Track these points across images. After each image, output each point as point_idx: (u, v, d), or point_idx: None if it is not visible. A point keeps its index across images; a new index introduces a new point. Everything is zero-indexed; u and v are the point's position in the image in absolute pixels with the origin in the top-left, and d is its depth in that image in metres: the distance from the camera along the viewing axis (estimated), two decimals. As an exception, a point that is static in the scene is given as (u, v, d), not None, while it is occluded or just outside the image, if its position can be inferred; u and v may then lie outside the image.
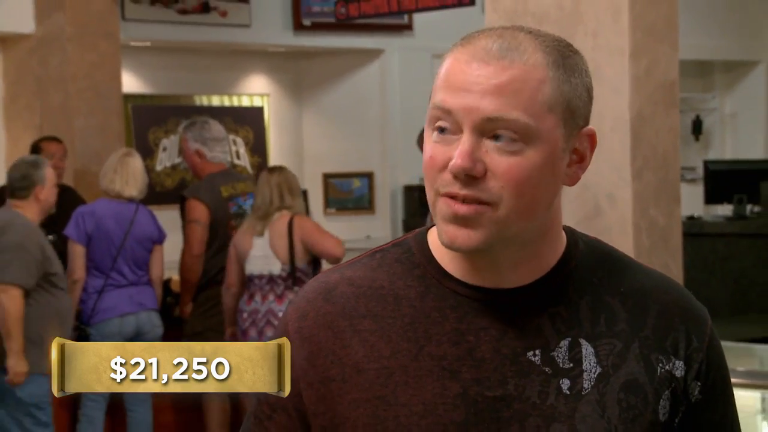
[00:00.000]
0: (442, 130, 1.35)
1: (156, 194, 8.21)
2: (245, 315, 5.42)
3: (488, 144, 1.32)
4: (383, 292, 1.44)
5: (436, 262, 1.44)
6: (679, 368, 1.42)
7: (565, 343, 1.40)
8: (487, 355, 1.39)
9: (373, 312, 1.42)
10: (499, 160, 1.32)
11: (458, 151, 1.32)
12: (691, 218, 7.87)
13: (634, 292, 1.45)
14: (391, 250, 1.48)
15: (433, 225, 1.43)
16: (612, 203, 3.84)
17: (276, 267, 5.36)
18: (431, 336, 1.40)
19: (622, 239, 3.76)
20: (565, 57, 1.36)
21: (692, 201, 8.51)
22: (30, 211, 4.94)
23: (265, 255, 5.35)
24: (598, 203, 3.84)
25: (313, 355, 1.42)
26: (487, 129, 1.32)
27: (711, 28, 10.27)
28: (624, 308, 1.43)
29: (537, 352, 1.39)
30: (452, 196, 1.34)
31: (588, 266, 1.45)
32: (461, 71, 1.34)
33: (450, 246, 1.36)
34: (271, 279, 5.37)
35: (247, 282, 5.44)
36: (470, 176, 1.32)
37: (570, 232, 1.48)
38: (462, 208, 1.33)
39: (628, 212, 3.81)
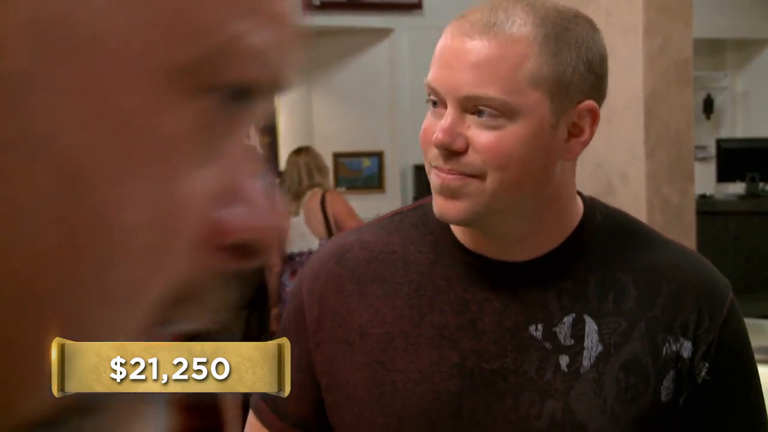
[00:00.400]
0: (434, 103, 1.36)
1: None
2: (288, 289, 5.58)
3: (471, 119, 1.33)
4: (394, 257, 1.45)
5: (449, 229, 1.44)
6: (686, 349, 1.40)
7: (568, 319, 1.39)
8: (489, 327, 1.39)
9: (382, 277, 1.44)
10: (479, 135, 1.32)
11: (439, 126, 1.33)
12: (703, 197, 7.85)
13: (648, 270, 1.43)
14: (410, 213, 1.50)
15: None
16: (625, 181, 3.81)
17: (314, 243, 5.53)
18: (435, 304, 1.41)
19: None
20: (561, 29, 1.34)
21: (704, 179, 8.48)
22: None
23: (302, 233, 5.54)
24: (611, 181, 3.82)
25: (322, 316, 1.45)
26: (469, 105, 1.32)
27: (722, 6, 10.21)
28: (635, 286, 1.42)
29: (539, 326, 1.39)
30: (440, 169, 1.35)
31: (603, 240, 1.44)
32: (447, 47, 1.35)
33: (440, 218, 1.37)
34: (311, 255, 5.52)
35: (288, 260, 5.61)
36: (451, 151, 1.33)
37: (590, 204, 1.46)
38: (448, 178, 1.34)
39: (641, 190, 3.79)
